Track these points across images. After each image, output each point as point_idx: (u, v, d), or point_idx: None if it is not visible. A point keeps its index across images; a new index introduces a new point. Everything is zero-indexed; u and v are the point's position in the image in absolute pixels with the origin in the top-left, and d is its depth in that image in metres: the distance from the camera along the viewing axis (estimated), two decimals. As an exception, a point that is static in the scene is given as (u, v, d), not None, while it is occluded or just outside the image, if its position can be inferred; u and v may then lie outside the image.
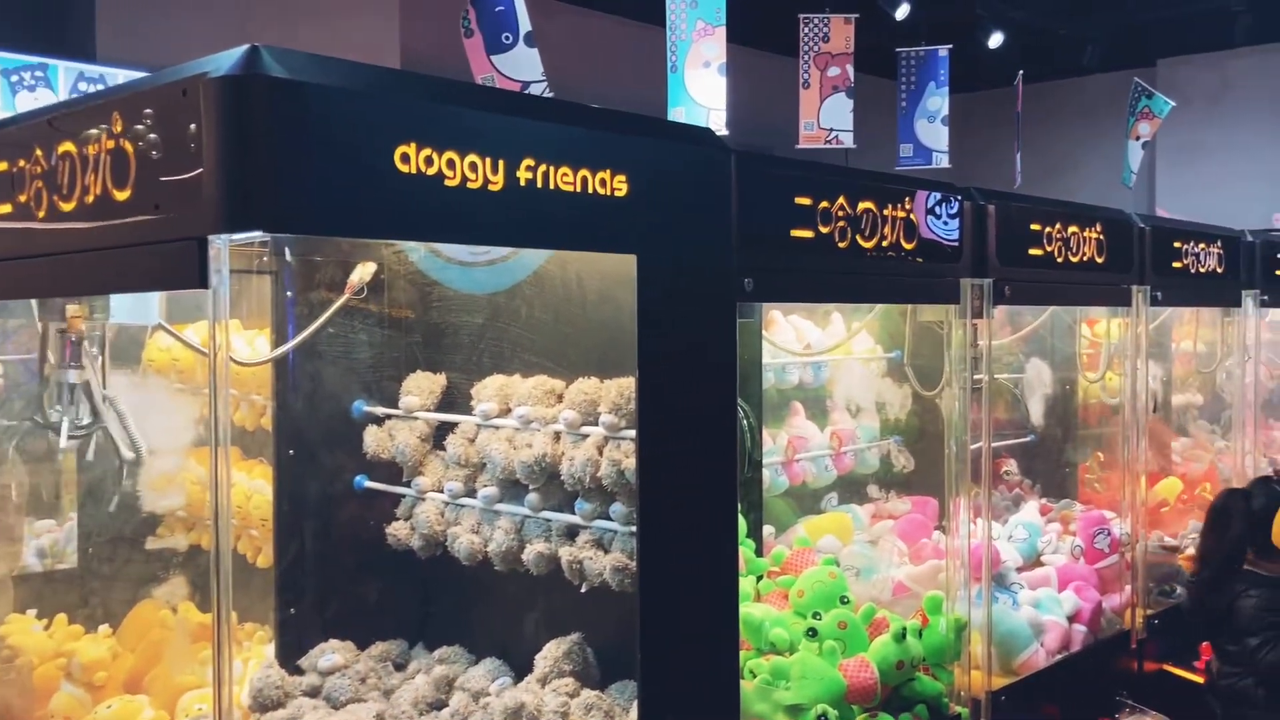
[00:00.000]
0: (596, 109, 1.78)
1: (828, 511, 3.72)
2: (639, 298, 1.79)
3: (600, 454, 2.07)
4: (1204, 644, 3.74)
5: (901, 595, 3.24)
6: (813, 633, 2.63)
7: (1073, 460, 4.47)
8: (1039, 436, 4.43)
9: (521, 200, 1.62)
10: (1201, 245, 3.90)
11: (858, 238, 2.42)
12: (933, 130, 6.59)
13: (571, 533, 2.17)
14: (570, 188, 1.69)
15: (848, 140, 6.08)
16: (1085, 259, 3.24)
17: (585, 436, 2.11)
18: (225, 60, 1.41)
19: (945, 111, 6.62)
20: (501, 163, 1.59)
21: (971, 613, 2.89)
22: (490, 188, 1.58)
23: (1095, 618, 3.33)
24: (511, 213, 1.62)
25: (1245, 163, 9.07)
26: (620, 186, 1.75)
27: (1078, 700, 3.20)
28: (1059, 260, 3.14)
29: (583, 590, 2.13)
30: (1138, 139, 7.62)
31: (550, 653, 2.16)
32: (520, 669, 2.26)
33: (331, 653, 2.41)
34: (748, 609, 2.81)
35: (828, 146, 6.17)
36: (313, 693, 2.33)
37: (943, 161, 6.60)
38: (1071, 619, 3.27)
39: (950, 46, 6.62)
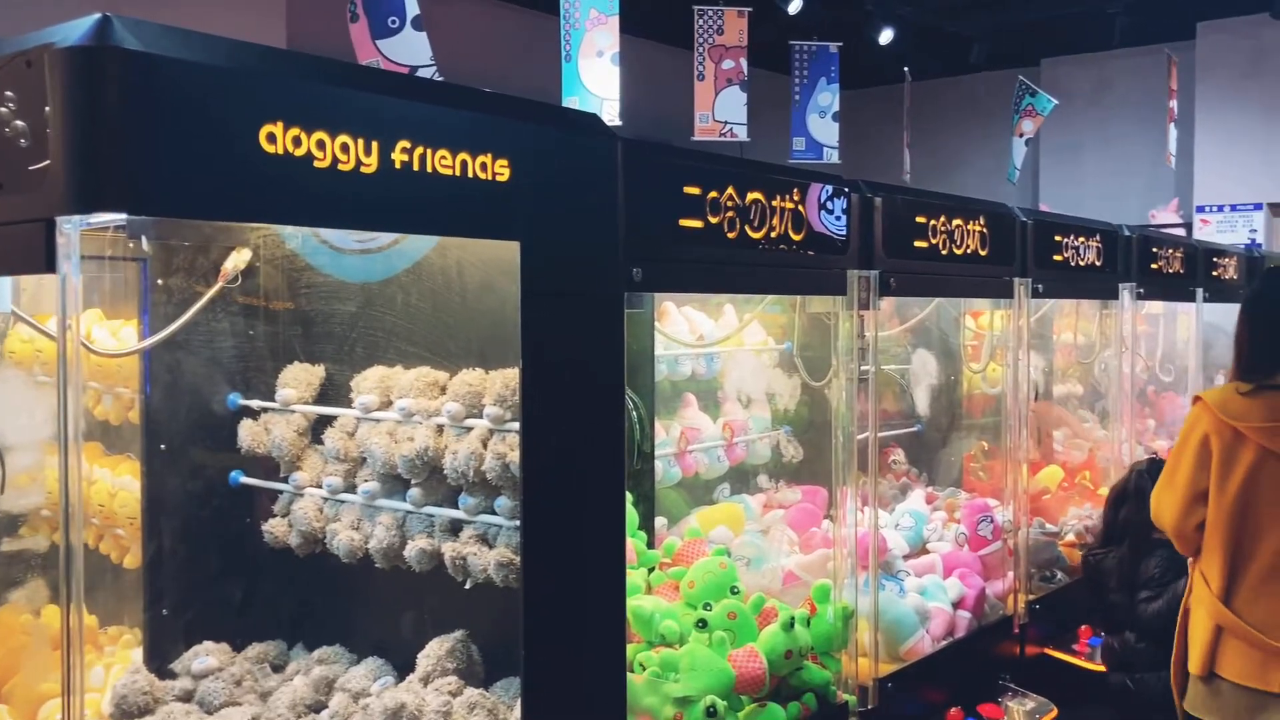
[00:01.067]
0: (476, 91, 1.73)
1: (720, 502, 3.73)
2: (522, 286, 1.75)
3: (485, 447, 2.02)
4: (1083, 627, 3.87)
5: (792, 584, 3.26)
6: (702, 624, 2.63)
7: (958, 449, 4.57)
8: (925, 426, 4.52)
9: (397, 184, 1.57)
10: (1081, 239, 4.01)
11: (747, 228, 2.41)
12: (824, 125, 6.67)
13: (455, 528, 2.12)
14: (449, 171, 1.63)
15: (742, 133, 6.11)
16: (969, 252, 3.30)
17: (469, 429, 2.06)
18: (74, 30, 1.32)
19: (836, 107, 6.69)
20: (375, 144, 1.53)
21: (859, 601, 2.92)
22: (363, 170, 1.52)
23: (979, 604, 3.40)
24: (387, 196, 1.56)
25: (1123, 160, 9.41)
26: (502, 171, 1.71)
27: (962, 685, 3.27)
28: (944, 253, 3.19)
29: (467, 587, 2.08)
30: (1021, 136, 7.83)
31: (433, 651, 2.10)
32: (404, 668, 2.20)
33: (205, 655, 2.31)
34: (638, 601, 2.79)
35: (723, 139, 6.19)
36: (185, 697, 2.23)
37: (833, 157, 6.68)
38: (956, 605, 3.34)
39: (840, 44, 6.70)
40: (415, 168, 1.59)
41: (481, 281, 2.12)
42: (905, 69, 7.47)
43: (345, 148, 1.50)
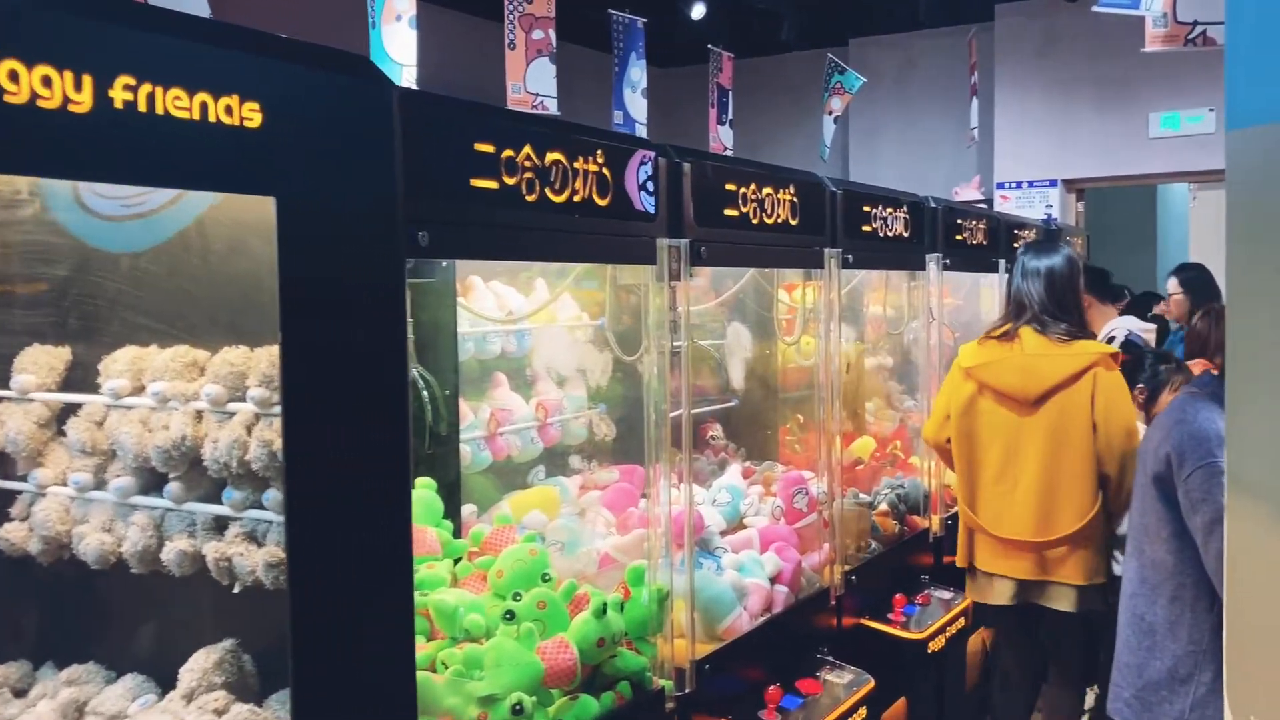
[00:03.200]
0: (217, 22, 1.50)
1: (534, 486, 3.57)
2: (280, 248, 1.54)
3: (249, 434, 1.80)
4: (897, 595, 3.89)
5: (609, 567, 3.14)
6: (510, 615, 2.47)
7: (774, 422, 4.55)
8: (742, 400, 4.48)
9: (118, 126, 1.33)
10: (889, 210, 4.02)
11: (547, 191, 2.25)
12: (636, 101, 6.56)
13: (222, 526, 1.89)
14: (185, 114, 1.41)
15: (552, 106, 5.94)
16: (780, 221, 3.24)
17: (232, 415, 1.84)
18: None
19: (644, 84, 6.60)
20: (87, 79, 1.29)
21: (675, 581, 2.82)
22: (73, 109, 1.28)
23: (796, 577, 3.36)
24: (105, 141, 1.33)
25: (927, 139, 9.70)
26: (252, 116, 1.49)
27: (781, 661, 3.22)
28: (755, 222, 3.11)
29: (235, 590, 1.86)
30: (831, 114, 7.95)
31: (198, 664, 1.87)
32: (170, 685, 1.95)
33: (-69, 684, 2.01)
34: (440, 595, 2.60)
35: (535, 112, 5.99)
36: (-96, 734, 1.93)
37: (643, 134, 6.59)
38: (774, 580, 3.28)
39: (646, 20, 6.59)
40: (142, 109, 1.36)
41: (240, 245, 1.88)
42: (709, 46, 7.46)
43: (47, 81, 1.25)
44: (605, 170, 2.43)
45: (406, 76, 5.01)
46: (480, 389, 3.46)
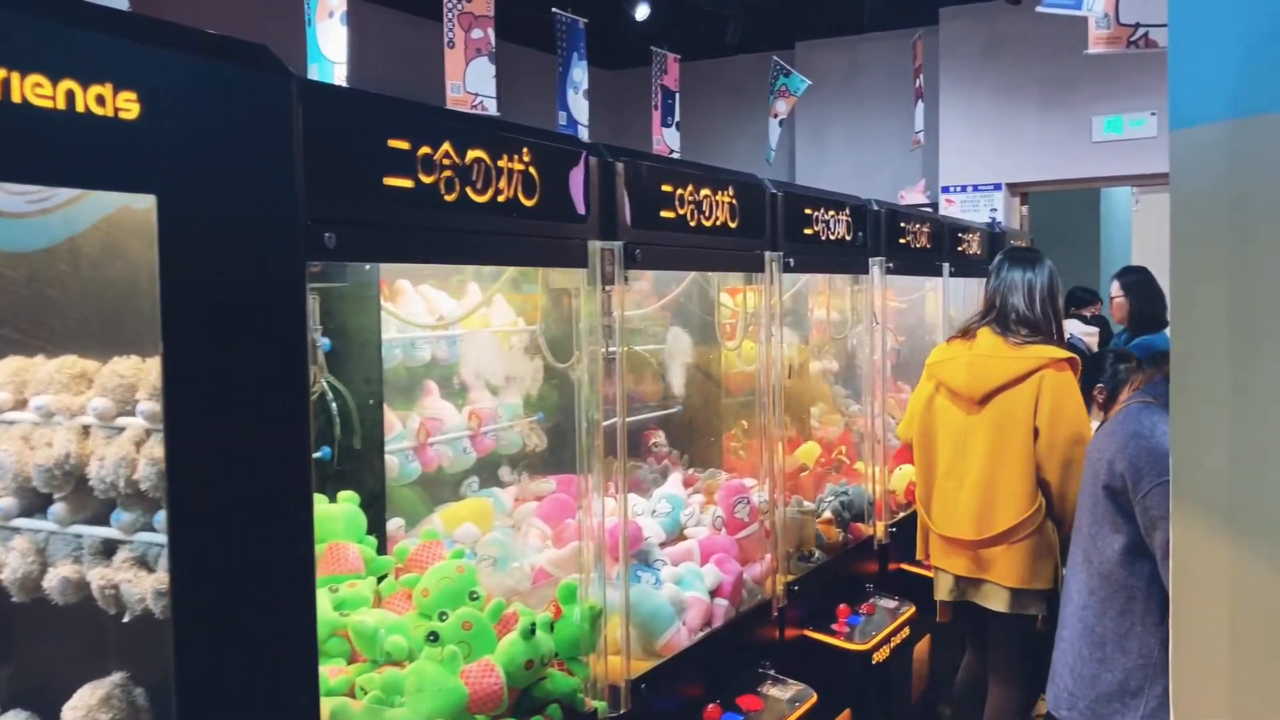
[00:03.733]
0: (84, 2, 1.37)
1: (467, 498, 3.45)
2: (160, 250, 1.42)
3: (139, 451, 1.67)
4: (840, 605, 3.82)
5: (544, 582, 3.03)
6: (434, 637, 2.35)
7: (718, 429, 4.46)
8: (685, 406, 4.38)
9: (-33, 116, 1.20)
10: (831, 212, 3.95)
11: (469, 191, 2.14)
12: (578, 102, 6.45)
13: (110, 550, 1.75)
14: (48, 104, 1.28)
15: (492, 107, 5.81)
16: (719, 223, 3.14)
17: (121, 430, 1.70)
18: None
19: (586, 85, 6.49)
20: (-73, 62, 1.16)
21: (610, 596, 2.72)
22: (-90, 95, 1.15)
23: (737, 590, 3.27)
24: (-48, 132, 1.20)
25: (873, 142, 9.69)
26: (128, 107, 1.36)
27: (722, 677, 3.12)
28: (692, 224, 3.01)
29: (125, 620, 1.72)
30: (776, 116, 7.89)
31: (83, 700, 1.73)
32: (57, 721, 1.81)
33: None
34: (361, 616, 2.48)
35: (474, 112, 5.86)
36: None
37: (586, 136, 6.49)
38: (714, 593, 3.19)
39: (587, 21, 6.49)
40: (-4, 97, 1.23)
41: (124, 249, 1.75)
42: (652, 47, 7.38)
43: (-121, 64, 1.12)
44: (532, 169, 2.32)
45: (338, 74, 4.86)
46: (410, 397, 3.33)
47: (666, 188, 2.89)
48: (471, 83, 5.91)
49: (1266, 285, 1.87)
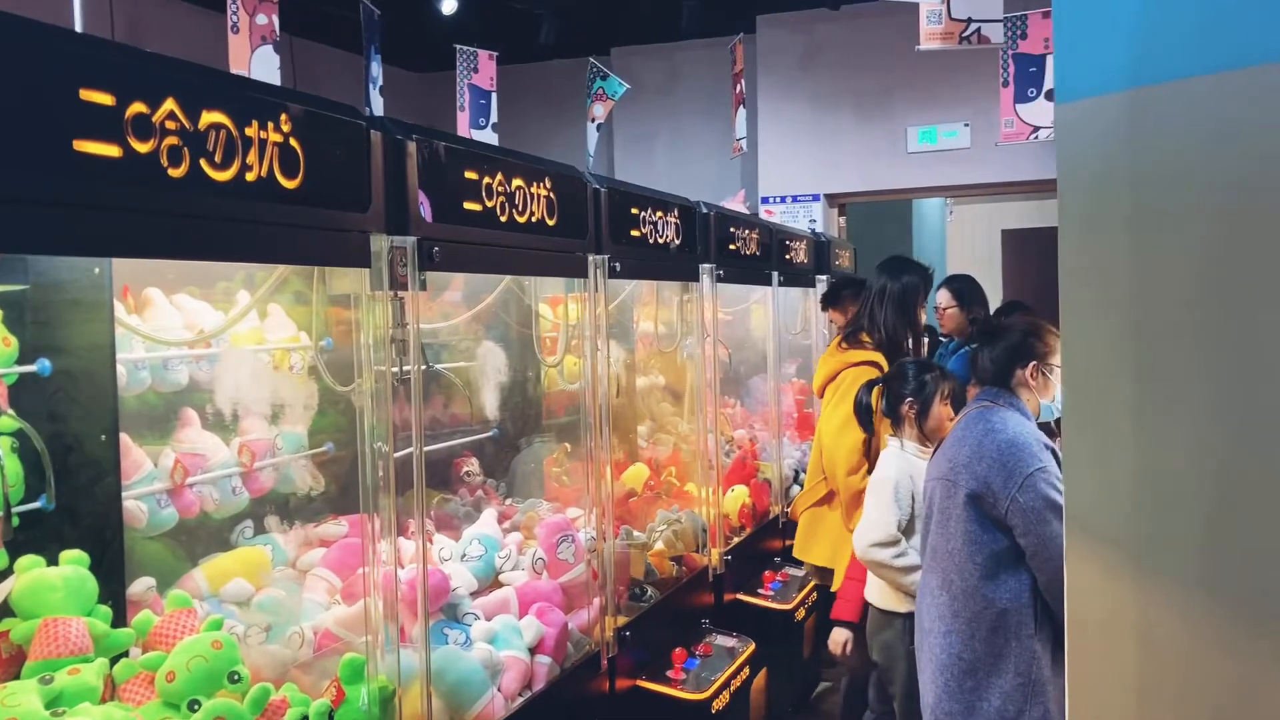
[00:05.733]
0: None
1: (239, 547, 2.89)
2: None
3: None
4: (676, 650, 3.43)
5: (329, 648, 2.52)
6: (174, 741, 1.82)
7: (539, 455, 4.03)
8: (502, 430, 3.94)
9: None
10: (659, 213, 3.58)
11: (203, 164, 1.64)
12: (378, 99, 5.93)
13: None
14: None
15: (281, 97, 5.22)
16: (535, 220, 2.72)
17: None
18: None
19: (381, 80, 5.99)
20: None
21: (409, 663, 2.24)
22: None
23: (561, 643, 2.83)
24: None
25: (693, 151, 9.46)
26: None
27: (545, 746, 2.68)
28: (503, 220, 2.58)
29: None
30: (594, 120, 7.54)
31: None
32: None
33: None
34: (83, 713, 1.93)
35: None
36: None
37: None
38: (534, 650, 2.74)
39: (379, 13, 5.97)
40: None
41: None
42: (456, 45, 6.92)
43: None
44: (294, 141, 1.84)
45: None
46: (163, 430, 2.75)
47: (471, 175, 2.44)
48: (257, 72, 5.30)
49: (1175, 279, 1.59)
